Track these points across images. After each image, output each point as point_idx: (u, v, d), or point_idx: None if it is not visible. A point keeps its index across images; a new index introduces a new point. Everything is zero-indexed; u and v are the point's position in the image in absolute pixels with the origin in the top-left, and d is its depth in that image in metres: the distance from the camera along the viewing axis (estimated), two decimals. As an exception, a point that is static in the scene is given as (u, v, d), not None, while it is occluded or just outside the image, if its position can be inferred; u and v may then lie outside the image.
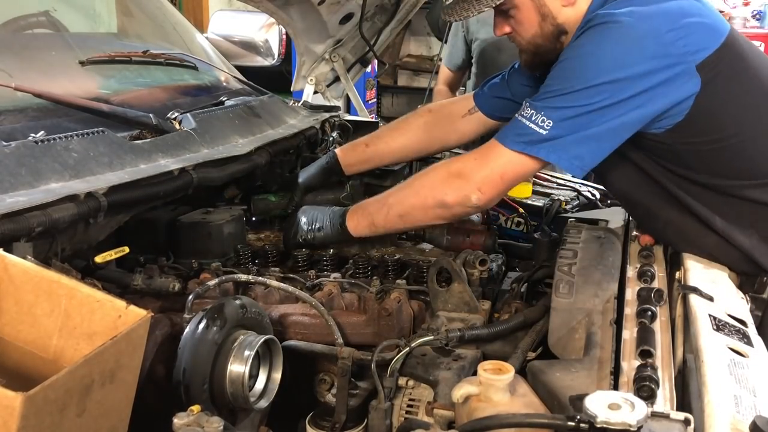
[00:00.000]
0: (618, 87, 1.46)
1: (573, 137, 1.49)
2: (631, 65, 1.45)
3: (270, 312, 1.52)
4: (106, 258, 1.43)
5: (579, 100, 1.47)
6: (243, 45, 5.64)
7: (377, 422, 1.33)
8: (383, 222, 1.70)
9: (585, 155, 1.51)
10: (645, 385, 1.11)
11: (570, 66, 1.52)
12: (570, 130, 1.48)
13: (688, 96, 1.47)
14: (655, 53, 1.45)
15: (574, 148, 1.49)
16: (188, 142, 1.75)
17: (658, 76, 1.45)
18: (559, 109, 1.49)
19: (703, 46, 1.47)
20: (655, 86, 1.45)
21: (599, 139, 1.50)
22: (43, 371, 0.98)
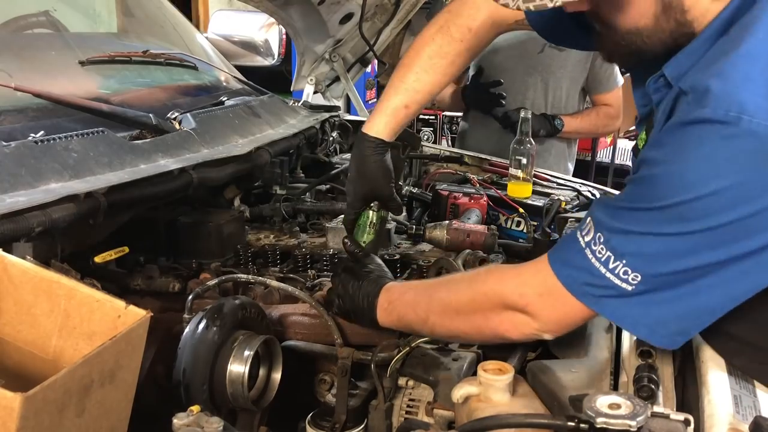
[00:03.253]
0: (736, 231, 0.98)
1: (671, 304, 1.04)
2: (757, 198, 0.96)
3: (270, 312, 1.52)
4: (106, 258, 1.43)
5: (675, 245, 1.01)
6: (243, 45, 5.65)
7: (377, 422, 1.33)
8: (428, 335, 1.36)
9: (692, 328, 1.08)
10: (645, 385, 1.11)
11: (665, 185, 1.01)
12: (669, 286, 1.03)
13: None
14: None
15: (674, 320, 1.06)
16: (188, 142, 1.75)
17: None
18: (651, 258, 1.03)
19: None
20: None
21: (714, 308, 1.04)
22: (42, 371, 0.98)
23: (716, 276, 1.01)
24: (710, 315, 1.05)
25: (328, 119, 2.56)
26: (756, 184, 0.95)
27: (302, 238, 1.94)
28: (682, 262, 1.01)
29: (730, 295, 1.03)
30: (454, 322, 1.29)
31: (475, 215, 2.06)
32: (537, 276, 1.18)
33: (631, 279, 1.04)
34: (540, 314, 1.18)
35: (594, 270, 1.07)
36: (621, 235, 1.05)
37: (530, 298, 1.17)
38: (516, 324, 1.21)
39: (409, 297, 1.37)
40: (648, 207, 1.02)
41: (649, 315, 1.06)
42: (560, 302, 1.14)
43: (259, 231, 2.00)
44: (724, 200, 0.96)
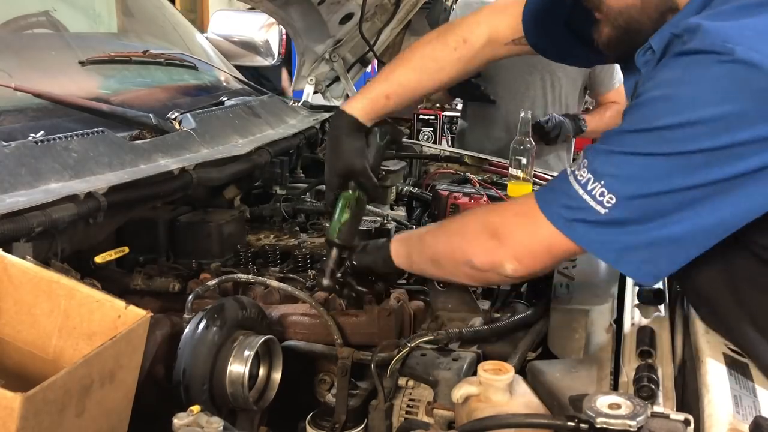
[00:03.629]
0: (711, 158, 0.98)
1: (644, 232, 1.05)
2: (745, 125, 0.97)
3: (270, 312, 1.52)
4: (106, 258, 1.43)
5: (650, 169, 1.02)
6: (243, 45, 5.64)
7: (377, 422, 1.33)
8: (418, 260, 1.43)
9: (661, 259, 1.07)
10: (645, 385, 1.11)
11: (651, 111, 1.04)
12: (639, 216, 1.04)
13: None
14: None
15: (644, 248, 1.06)
16: (188, 142, 1.75)
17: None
18: (628, 179, 1.04)
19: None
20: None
21: (684, 241, 1.05)
22: (42, 371, 0.98)
23: (687, 208, 1.02)
24: (679, 248, 1.06)
25: (328, 119, 2.56)
26: (741, 115, 0.96)
27: (302, 238, 1.94)
28: (655, 185, 1.02)
29: (700, 228, 1.03)
30: (439, 243, 1.36)
31: (475, 215, 2.06)
32: (519, 202, 1.30)
33: (606, 201, 1.05)
34: (510, 237, 1.20)
35: (572, 192, 1.09)
36: (603, 156, 1.07)
37: (506, 218, 1.24)
38: (486, 249, 1.23)
39: (415, 234, 1.49)
40: (634, 129, 1.05)
41: (618, 241, 1.07)
42: (532, 225, 1.16)
43: (259, 231, 2.00)
44: (708, 128, 0.97)
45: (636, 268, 1.10)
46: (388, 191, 2.33)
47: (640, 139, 1.04)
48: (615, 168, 1.05)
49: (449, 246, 1.33)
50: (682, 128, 0.99)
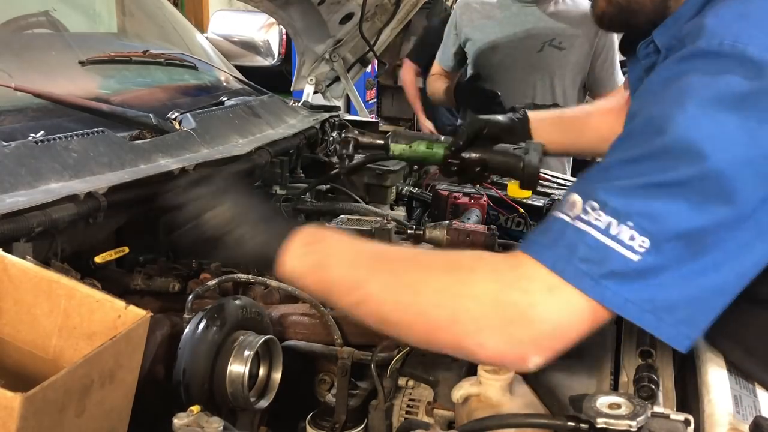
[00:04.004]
0: (758, 181, 0.84)
1: (685, 284, 0.87)
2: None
3: (270, 312, 1.52)
4: (106, 258, 1.43)
5: (695, 198, 0.85)
6: (243, 45, 5.65)
7: (377, 422, 1.33)
8: (344, 306, 1.04)
9: (700, 317, 0.89)
10: (645, 385, 1.11)
11: (663, 128, 0.87)
12: (678, 263, 0.86)
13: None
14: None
15: (684, 303, 0.87)
16: (188, 142, 1.75)
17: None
18: (659, 217, 0.85)
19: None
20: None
21: (726, 291, 0.89)
22: (42, 371, 0.98)
23: (720, 248, 0.86)
24: (719, 296, 0.90)
25: (328, 119, 2.56)
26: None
27: (302, 238, 1.93)
28: (693, 218, 0.85)
29: (737, 270, 0.89)
30: (408, 309, 0.97)
31: (475, 215, 2.06)
32: (495, 281, 0.94)
33: (637, 246, 0.85)
34: (490, 336, 0.93)
35: (590, 240, 0.87)
36: (619, 193, 0.88)
37: (485, 308, 0.93)
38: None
39: (345, 246, 1.05)
40: (652, 152, 0.87)
41: (655, 298, 0.87)
42: (561, 302, 0.90)
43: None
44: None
45: (677, 332, 0.89)
46: (388, 191, 2.33)
47: (668, 163, 0.86)
48: (642, 204, 0.86)
49: (427, 320, 0.95)
50: (698, 147, 0.85)
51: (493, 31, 3.03)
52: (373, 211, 2.08)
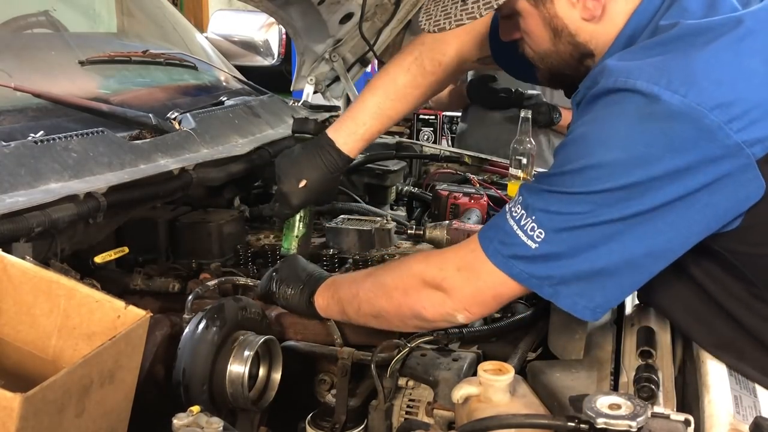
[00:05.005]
0: (631, 194, 1.04)
1: (574, 264, 1.09)
2: (651, 162, 1.02)
3: (270, 312, 1.51)
4: (106, 258, 1.43)
5: (575, 205, 1.07)
6: (243, 45, 5.65)
7: (377, 423, 1.33)
8: (355, 317, 1.38)
9: (594, 292, 1.11)
10: (645, 385, 1.11)
11: (568, 154, 1.11)
12: (568, 248, 1.09)
13: (746, 205, 1.04)
14: (691, 142, 1.01)
15: (577, 281, 1.10)
16: (188, 142, 1.75)
17: (697, 178, 1.02)
18: (555, 214, 1.09)
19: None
20: (690, 193, 1.03)
21: (616, 272, 1.09)
22: (42, 372, 0.98)
23: (613, 240, 1.06)
24: (610, 280, 1.09)
25: (328, 119, 2.55)
26: (649, 150, 1.03)
27: (302, 238, 1.93)
28: (580, 219, 1.07)
29: (628, 259, 1.08)
30: (378, 300, 1.32)
31: (475, 215, 2.06)
32: (458, 252, 1.26)
33: (536, 236, 1.10)
34: (455, 289, 1.22)
35: (507, 228, 1.14)
36: (536, 193, 1.13)
37: (448, 272, 1.22)
38: (433, 302, 1.24)
39: (347, 278, 1.44)
40: (560, 171, 1.11)
41: (551, 276, 1.11)
42: (475, 274, 1.19)
43: (259, 231, 2.00)
44: (621, 166, 1.04)
45: (572, 302, 1.12)
46: (388, 191, 2.33)
47: (565, 180, 1.09)
48: (544, 203, 1.10)
49: (392, 303, 1.30)
50: (598, 168, 1.06)
51: (494, 30, 3.02)
52: (373, 211, 2.08)
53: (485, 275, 1.17)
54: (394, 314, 1.31)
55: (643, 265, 1.09)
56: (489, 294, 1.20)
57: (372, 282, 1.35)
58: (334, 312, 1.41)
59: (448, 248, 1.34)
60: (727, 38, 1.06)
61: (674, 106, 1.01)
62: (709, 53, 1.04)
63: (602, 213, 1.06)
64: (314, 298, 1.42)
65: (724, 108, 1.00)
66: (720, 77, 1.03)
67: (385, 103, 1.65)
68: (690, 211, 1.04)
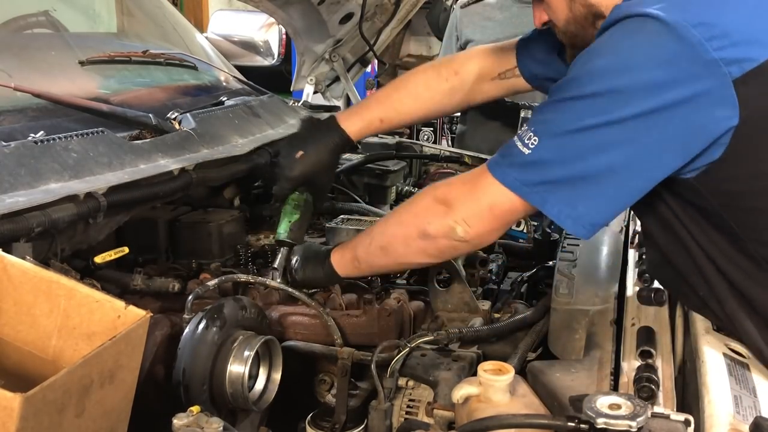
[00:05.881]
0: (615, 100, 1.10)
1: (561, 169, 1.15)
2: (635, 69, 1.10)
3: (270, 312, 1.51)
4: (106, 258, 1.43)
5: (566, 111, 1.15)
6: (243, 45, 5.65)
7: (377, 423, 1.33)
8: (365, 255, 1.43)
9: (578, 201, 1.15)
10: (645, 385, 1.11)
11: (571, 69, 1.19)
12: (557, 154, 1.15)
13: (724, 127, 1.08)
14: (673, 53, 1.07)
15: (562, 187, 1.15)
16: (188, 142, 1.75)
17: (677, 91, 1.07)
18: (549, 121, 1.17)
19: (749, 53, 1.07)
20: (670, 106, 1.07)
21: (598, 179, 1.13)
22: (42, 372, 0.98)
23: (597, 147, 1.12)
24: (594, 187, 1.14)
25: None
26: (648, 59, 1.10)
27: (302, 239, 1.93)
28: (573, 123, 1.13)
29: (609, 166, 1.13)
30: (389, 228, 1.41)
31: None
32: (468, 173, 1.35)
33: (530, 143, 1.16)
34: (457, 201, 1.29)
35: (511, 143, 1.21)
36: (538, 109, 1.23)
37: (453, 186, 1.33)
38: (437, 215, 1.30)
39: (359, 234, 1.51)
40: (559, 84, 1.19)
41: (540, 181, 1.17)
42: (475, 187, 1.26)
43: (259, 231, 1.99)
44: (618, 70, 1.11)
45: (558, 210, 1.17)
46: (388, 191, 2.33)
47: (562, 87, 1.17)
48: (541, 114, 1.20)
49: (401, 227, 1.38)
50: (589, 74, 1.14)
51: (494, 31, 3.02)
52: (373, 211, 2.08)
53: (484, 187, 1.24)
54: (401, 238, 1.37)
55: (624, 177, 1.13)
56: (486, 206, 1.25)
57: (387, 216, 1.50)
58: (347, 261, 1.47)
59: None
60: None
61: (662, 21, 1.08)
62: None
63: (588, 117, 1.12)
64: (330, 256, 1.49)
65: (707, 27, 1.07)
66: (710, 2, 1.13)
67: (392, 93, 1.73)
68: (669, 125, 1.09)
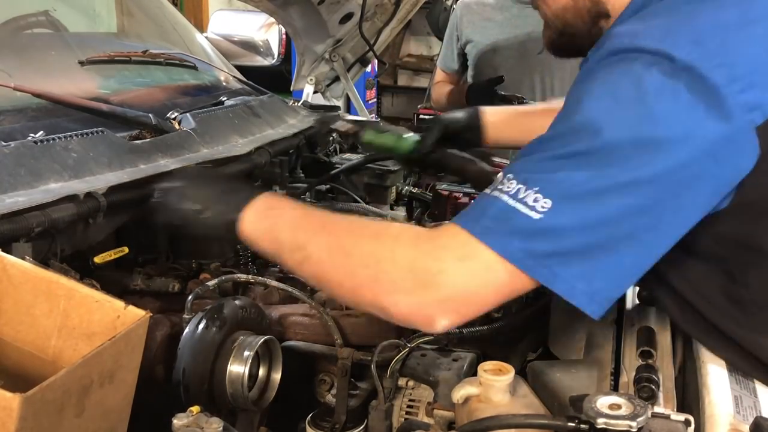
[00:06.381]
0: (640, 152, 0.96)
1: (580, 238, 0.97)
2: (659, 118, 0.96)
3: (270, 312, 1.51)
4: (106, 258, 1.43)
5: (582, 168, 0.97)
6: (243, 45, 5.64)
7: (377, 423, 1.33)
8: (293, 268, 1.18)
9: (595, 275, 0.99)
10: (645, 385, 1.11)
11: (574, 111, 1.03)
12: (577, 220, 0.97)
13: (741, 174, 0.99)
14: (694, 100, 0.95)
15: (578, 259, 0.97)
16: (188, 142, 1.75)
17: (700, 142, 0.96)
18: (558, 180, 0.98)
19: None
20: (695, 159, 0.96)
21: (618, 248, 0.98)
22: (41, 372, 0.98)
23: (617, 208, 0.97)
24: (612, 257, 0.98)
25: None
26: (653, 103, 0.97)
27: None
28: (589, 182, 0.96)
29: (629, 233, 0.98)
30: (333, 272, 1.11)
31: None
32: (414, 243, 1.07)
33: (540, 207, 0.96)
34: (406, 293, 1.04)
35: (499, 205, 0.99)
36: (531, 164, 1.01)
37: (446, 263, 1.02)
38: (373, 285, 1.06)
39: (295, 213, 1.19)
40: (560, 133, 1.03)
41: (553, 253, 0.97)
42: (472, 265, 1.00)
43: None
44: (626, 119, 0.97)
45: (570, 287, 0.98)
46: (388, 191, 2.33)
47: (569, 139, 1.00)
48: (542, 169, 0.99)
49: (352, 281, 1.09)
50: (603, 122, 0.98)
51: (494, 32, 3.03)
52: (373, 211, 2.08)
53: (482, 265, 1.00)
54: (348, 292, 1.11)
55: (644, 240, 0.98)
56: (473, 288, 1.02)
57: (329, 243, 1.12)
58: (263, 245, 1.19)
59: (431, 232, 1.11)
60: (733, 3, 1.05)
61: (678, 62, 0.96)
62: (716, 16, 1.03)
63: (607, 174, 0.96)
64: (242, 217, 1.19)
65: (727, 68, 0.96)
66: (725, 39, 1.00)
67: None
68: (695, 181, 0.97)
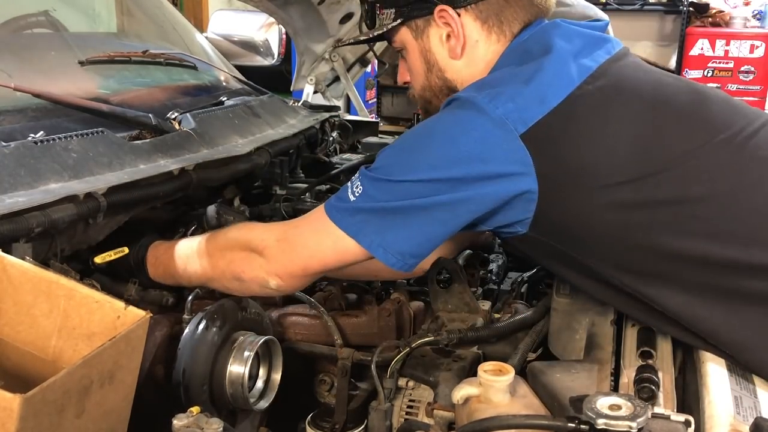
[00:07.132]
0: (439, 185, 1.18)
1: (378, 202, 1.21)
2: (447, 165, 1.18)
3: (270, 312, 1.51)
4: (106, 258, 1.43)
5: (391, 192, 1.21)
6: (243, 45, 5.64)
7: (377, 423, 1.33)
8: (188, 281, 1.43)
9: (388, 231, 1.21)
10: (645, 386, 1.11)
11: (400, 144, 1.28)
12: (375, 193, 1.21)
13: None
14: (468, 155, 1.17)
15: (375, 214, 1.22)
16: (188, 142, 1.75)
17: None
18: (371, 169, 1.24)
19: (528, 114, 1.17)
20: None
21: (406, 213, 1.21)
22: (41, 372, 0.98)
23: (411, 206, 1.19)
24: (402, 220, 1.20)
25: (328, 119, 2.55)
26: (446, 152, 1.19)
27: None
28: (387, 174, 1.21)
29: (419, 207, 1.19)
30: (202, 264, 1.39)
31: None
32: (281, 225, 1.39)
33: (357, 192, 1.22)
34: (273, 257, 1.30)
35: (341, 193, 1.26)
36: (367, 170, 1.26)
37: (269, 242, 1.31)
38: (251, 264, 1.32)
39: (176, 248, 1.45)
40: (386, 161, 1.25)
41: (356, 219, 1.22)
42: (292, 245, 1.29)
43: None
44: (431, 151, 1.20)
45: (370, 241, 1.21)
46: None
47: (387, 167, 1.24)
48: (369, 172, 1.24)
49: (214, 266, 1.37)
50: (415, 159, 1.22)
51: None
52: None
53: (302, 242, 1.28)
54: (218, 276, 1.37)
55: (429, 227, 1.21)
56: (303, 257, 1.28)
57: (198, 250, 1.41)
58: (160, 273, 1.46)
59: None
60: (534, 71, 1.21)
61: (478, 107, 1.17)
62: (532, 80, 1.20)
63: (420, 173, 1.19)
64: (147, 260, 1.48)
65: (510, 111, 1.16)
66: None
67: None
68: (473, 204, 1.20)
